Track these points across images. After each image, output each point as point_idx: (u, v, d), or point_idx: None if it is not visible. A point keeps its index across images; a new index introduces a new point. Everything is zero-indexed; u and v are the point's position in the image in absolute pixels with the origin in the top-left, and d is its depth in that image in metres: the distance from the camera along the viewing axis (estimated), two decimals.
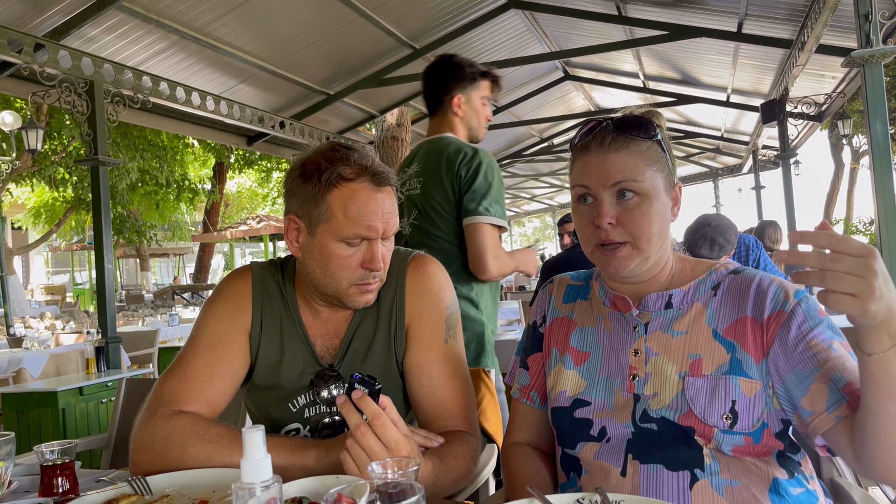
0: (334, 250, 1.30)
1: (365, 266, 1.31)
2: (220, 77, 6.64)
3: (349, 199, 1.28)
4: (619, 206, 1.14)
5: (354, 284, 1.32)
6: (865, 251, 0.84)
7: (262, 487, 0.83)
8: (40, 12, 4.81)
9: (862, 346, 0.91)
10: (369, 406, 1.06)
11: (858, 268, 0.84)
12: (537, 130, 13.47)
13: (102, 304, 5.26)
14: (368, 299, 1.36)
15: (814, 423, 1.04)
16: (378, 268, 1.31)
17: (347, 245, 1.30)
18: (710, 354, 1.12)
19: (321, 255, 1.31)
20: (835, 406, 1.01)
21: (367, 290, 1.34)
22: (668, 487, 1.08)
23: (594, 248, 1.17)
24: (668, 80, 10.22)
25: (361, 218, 1.27)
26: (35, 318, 11.18)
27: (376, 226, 1.29)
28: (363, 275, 1.31)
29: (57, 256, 30.32)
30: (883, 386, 0.91)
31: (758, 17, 6.48)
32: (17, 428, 4.14)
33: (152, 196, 16.59)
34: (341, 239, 1.29)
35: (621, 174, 1.13)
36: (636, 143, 1.15)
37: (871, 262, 0.84)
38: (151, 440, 1.23)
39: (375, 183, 1.30)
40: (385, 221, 1.30)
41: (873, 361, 0.90)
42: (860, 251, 0.84)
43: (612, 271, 1.16)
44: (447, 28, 7.49)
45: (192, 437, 1.21)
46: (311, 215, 1.31)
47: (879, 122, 4.16)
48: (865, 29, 4.23)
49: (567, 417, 1.21)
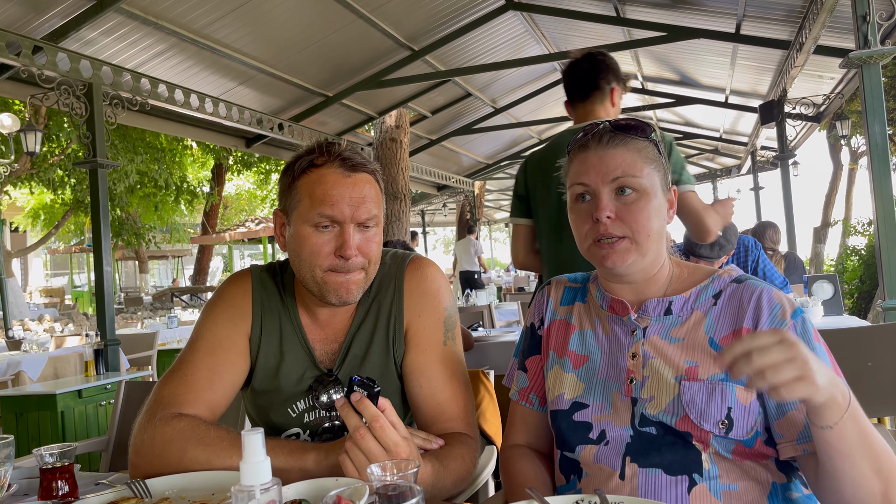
0: (306, 235, 1.29)
1: (337, 253, 1.28)
2: (219, 79, 6.64)
3: (316, 183, 1.29)
4: (618, 202, 1.15)
5: (328, 272, 1.29)
6: (778, 334, 0.87)
7: (261, 490, 0.83)
8: (39, 15, 4.81)
9: (819, 422, 0.93)
10: (368, 408, 1.06)
11: (786, 350, 0.86)
12: (536, 132, 13.47)
13: (101, 307, 5.26)
14: (349, 293, 1.30)
15: (781, 446, 1.07)
16: (348, 255, 1.27)
17: (317, 230, 1.28)
18: (705, 363, 1.12)
19: (296, 244, 1.31)
20: (804, 440, 1.04)
21: (341, 279, 1.29)
22: (666, 491, 1.09)
23: (591, 243, 1.18)
24: (667, 81, 10.22)
25: (326, 199, 1.27)
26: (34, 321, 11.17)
27: (341, 207, 1.27)
28: (336, 263, 1.28)
29: (56, 259, 30.28)
30: (839, 451, 0.94)
31: (756, 18, 6.49)
32: (16, 431, 4.13)
33: (151, 198, 16.57)
34: (310, 223, 1.28)
35: (620, 169, 1.14)
36: (634, 141, 1.17)
37: (787, 337, 0.87)
38: (151, 443, 1.23)
39: (345, 168, 1.30)
40: (354, 206, 1.28)
41: (831, 433, 0.93)
42: (775, 336, 0.87)
43: (610, 266, 1.16)
44: (446, 30, 7.49)
45: (192, 440, 1.21)
46: (289, 205, 1.33)
47: (878, 122, 4.16)
48: (863, 30, 4.23)
49: (566, 420, 1.21)
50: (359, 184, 1.30)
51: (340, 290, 1.30)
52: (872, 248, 9.33)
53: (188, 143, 16.13)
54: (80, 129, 5.19)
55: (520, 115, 11.66)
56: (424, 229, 19.40)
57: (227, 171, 18.98)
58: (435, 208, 18.53)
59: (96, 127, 5.19)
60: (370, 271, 1.35)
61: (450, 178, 13.01)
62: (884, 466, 0.95)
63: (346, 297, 1.31)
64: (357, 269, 1.31)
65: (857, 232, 11.49)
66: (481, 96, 10.08)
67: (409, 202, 8.64)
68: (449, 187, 13.49)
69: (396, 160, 8.50)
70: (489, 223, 25.56)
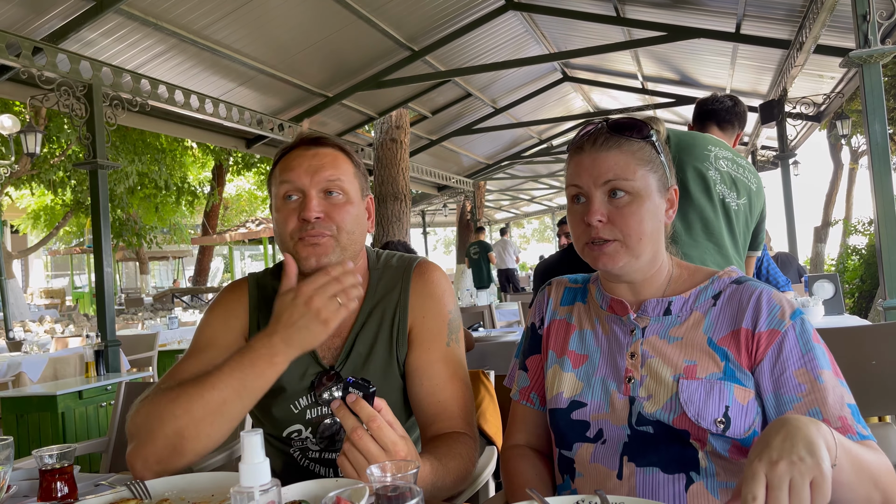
0: (278, 208, 1.37)
1: (301, 217, 1.32)
2: (219, 80, 6.64)
3: (284, 162, 1.39)
4: (610, 205, 1.15)
5: (298, 239, 1.33)
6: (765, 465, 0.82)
7: (260, 491, 0.82)
8: (38, 16, 4.82)
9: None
10: (364, 409, 1.06)
11: (788, 471, 0.81)
12: (536, 132, 13.48)
13: (101, 308, 5.26)
14: (318, 256, 1.32)
15: None
16: (309, 216, 1.31)
17: (285, 202, 1.35)
18: (703, 362, 1.12)
19: (274, 223, 1.39)
20: None
21: (309, 244, 1.32)
22: (663, 489, 1.09)
23: (584, 245, 1.18)
24: (667, 80, 10.23)
25: (286, 168, 1.36)
26: (34, 322, 11.18)
27: (299, 173, 1.34)
28: (302, 226, 1.33)
29: (56, 260, 30.30)
30: (840, 482, 0.90)
31: (756, 17, 6.49)
32: (17, 432, 4.13)
33: (151, 199, 16.58)
34: (279, 197, 1.36)
35: (612, 173, 1.14)
36: (628, 143, 1.16)
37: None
38: (145, 416, 1.23)
39: (307, 144, 1.39)
40: (313, 171, 1.34)
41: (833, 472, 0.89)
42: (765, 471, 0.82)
43: (602, 267, 1.17)
44: (446, 30, 7.50)
45: (181, 395, 1.20)
46: (270, 194, 1.42)
47: (878, 122, 4.16)
48: (863, 29, 4.23)
49: (564, 419, 1.21)
50: (319, 154, 1.37)
51: (309, 255, 1.32)
52: (873, 247, 9.32)
53: (188, 143, 16.14)
54: (80, 130, 5.19)
55: (520, 116, 11.67)
56: (425, 229, 19.41)
57: (228, 172, 18.99)
58: (435, 208, 18.53)
59: (96, 128, 5.19)
60: (342, 240, 1.35)
61: (450, 178, 13.02)
62: (880, 479, 0.95)
63: (316, 262, 1.32)
64: (325, 233, 1.33)
65: (858, 231, 11.48)
66: (481, 96, 10.09)
67: (409, 202, 8.64)
68: (449, 187, 13.49)
69: (396, 160, 8.50)
70: (489, 223, 25.58)
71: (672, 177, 1.22)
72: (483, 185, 15.37)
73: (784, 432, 0.84)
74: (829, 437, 0.86)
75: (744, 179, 2.33)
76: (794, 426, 0.85)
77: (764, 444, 0.84)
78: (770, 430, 0.86)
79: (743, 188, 2.31)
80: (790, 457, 0.81)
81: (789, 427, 0.85)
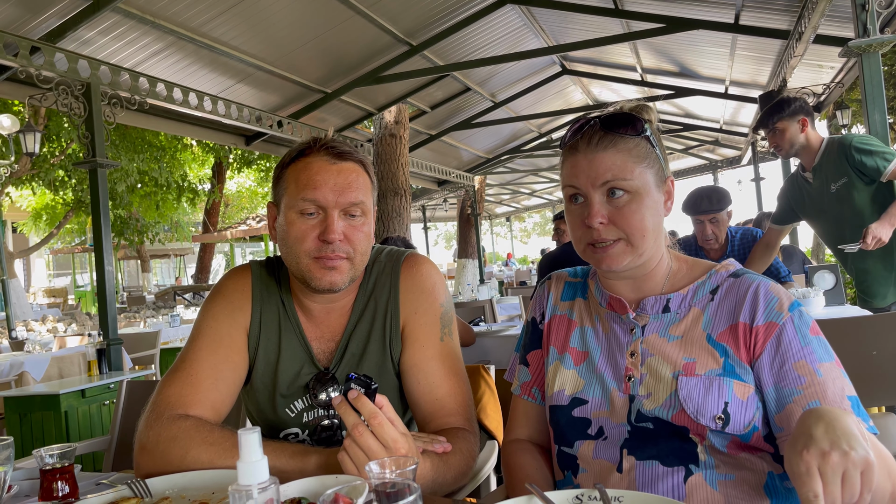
0: (292, 221, 1.31)
1: (321, 238, 1.29)
2: (217, 77, 6.63)
3: (302, 170, 1.32)
4: (610, 205, 1.14)
5: (313, 258, 1.30)
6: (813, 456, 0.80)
7: (258, 489, 0.82)
8: (35, 15, 4.81)
9: None
10: (366, 405, 1.06)
11: (838, 466, 0.79)
12: (535, 125, 13.44)
13: (103, 307, 5.26)
14: (333, 279, 1.30)
15: (782, 440, 1.06)
16: (331, 238, 1.28)
17: (303, 216, 1.30)
18: (703, 358, 1.12)
19: (284, 232, 1.33)
20: None
21: (326, 266, 1.30)
22: (662, 482, 1.09)
23: (586, 246, 1.17)
24: (666, 72, 10.19)
25: (310, 183, 1.29)
26: (37, 321, 11.21)
27: (325, 192, 1.29)
28: (320, 247, 1.30)
29: (58, 259, 30.34)
30: None
31: (755, 7, 6.46)
32: (20, 431, 4.15)
33: (152, 197, 16.58)
34: (295, 209, 1.31)
35: (610, 173, 1.12)
36: (624, 141, 1.14)
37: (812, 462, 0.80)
38: (156, 441, 1.24)
39: (331, 155, 1.33)
40: (338, 191, 1.30)
41: None
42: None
43: (606, 268, 1.16)
44: (443, 24, 7.47)
45: (196, 440, 1.22)
46: (278, 195, 1.36)
47: (878, 111, 4.15)
48: (862, 18, 4.22)
49: (565, 416, 1.21)
50: (344, 171, 1.32)
51: (324, 276, 1.30)
52: None
53: (188, 141, 16.13)
54: (79, 129, 5.18)
55: (519, 109, 11.63)
56: (425, 224, 19.39)
57: (228, 169, 18.99)
58: (436, 203, 18.51)
59: (95, 127, 5.19)
60: (356, 262, 1.34)
61: (450, 173, 12.99)
62: (893, 470, 0.93)
63: (330, 284, 1.31)
64: (341, 256, 1.31)
65: None
66: (480, 91, 10.06)
67: (409, 198, 8.63)
68: (449, 182, 13.47)
69: (396, 156, 8.49)
70: (490, 217, 25.55)
71: (667, 168, 1.21)
72: (483, 179, 15.35)
73: (823, 424, 0.82)
74: (861, 426, 0.85)
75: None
76: (832, 416, 0.83)
77: (807, 437, 0.82)
78: (808, 422, 0.84)
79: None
80: (841, 447, 0.79)
81: (827, 418, 0.83)
